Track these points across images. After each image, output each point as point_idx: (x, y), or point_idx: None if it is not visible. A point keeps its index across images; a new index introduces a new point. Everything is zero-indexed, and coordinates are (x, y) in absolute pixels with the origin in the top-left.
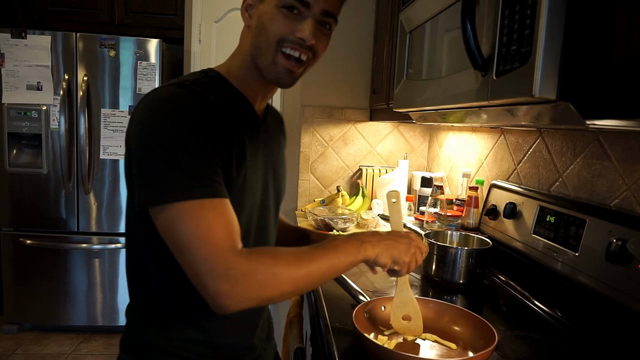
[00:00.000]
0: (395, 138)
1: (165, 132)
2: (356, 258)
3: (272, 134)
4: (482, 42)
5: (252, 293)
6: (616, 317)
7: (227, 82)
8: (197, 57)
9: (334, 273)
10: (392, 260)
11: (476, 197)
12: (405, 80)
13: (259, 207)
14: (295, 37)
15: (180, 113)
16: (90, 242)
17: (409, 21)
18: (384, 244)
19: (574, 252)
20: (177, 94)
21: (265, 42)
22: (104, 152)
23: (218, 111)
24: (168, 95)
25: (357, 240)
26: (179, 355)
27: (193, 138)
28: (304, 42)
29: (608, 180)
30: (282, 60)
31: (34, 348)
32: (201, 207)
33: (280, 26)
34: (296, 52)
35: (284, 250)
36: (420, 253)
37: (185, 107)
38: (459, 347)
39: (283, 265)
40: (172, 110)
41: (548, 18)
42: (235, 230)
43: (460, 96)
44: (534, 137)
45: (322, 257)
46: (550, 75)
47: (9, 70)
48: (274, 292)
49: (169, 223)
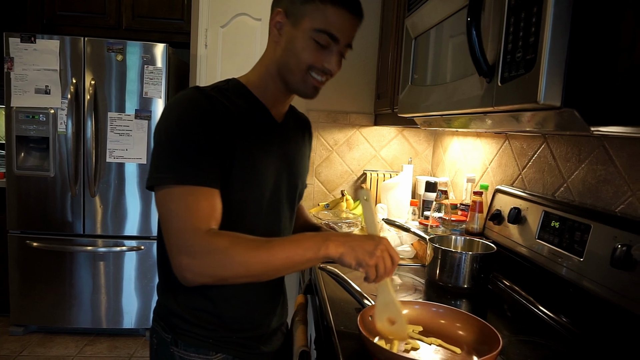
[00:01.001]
0: (400, 143)
1: (173, 126)
2: (316, 255)
3: (292, 135)
4: (487, 48)
5: (207, 270)
6: (621, 323)
7: (246, 89)
8: (203, 61)
9: (290, 266)
10: (357, 261)
11: (480, 202)
12: (410, 85)
13: (269, 200)
14: (323, 66)
15: (189, 111)
16: (95, 245)
17: (414, 27)
18: (349, 245)
19: (578, 257)
20: (190, 95)
21: (295, 65)
22: (111, 155)
23: (227, 113)
24: (183, 96)
25: (321, 238)
26: (191, 321)
27: (196, 133)
28: (330, 72)
29: (613, 185)
30: (311, 80)
31: (40, 350)
32: (186, 191)
33: (311, 56)
34: (322, 77)
35: (246, 237)
36: (390, 258)
37: (195, 107)
38: (464, 352)
39: (240, 249)
40: (183, 109)
41: (553, 25)
42: (212, 215)
43: (465, 102)
44: (538, 142)
45: (281, 248)
46: (555, 82)
47: (18, 74)
48: (227, 272)
49: (160, 201)
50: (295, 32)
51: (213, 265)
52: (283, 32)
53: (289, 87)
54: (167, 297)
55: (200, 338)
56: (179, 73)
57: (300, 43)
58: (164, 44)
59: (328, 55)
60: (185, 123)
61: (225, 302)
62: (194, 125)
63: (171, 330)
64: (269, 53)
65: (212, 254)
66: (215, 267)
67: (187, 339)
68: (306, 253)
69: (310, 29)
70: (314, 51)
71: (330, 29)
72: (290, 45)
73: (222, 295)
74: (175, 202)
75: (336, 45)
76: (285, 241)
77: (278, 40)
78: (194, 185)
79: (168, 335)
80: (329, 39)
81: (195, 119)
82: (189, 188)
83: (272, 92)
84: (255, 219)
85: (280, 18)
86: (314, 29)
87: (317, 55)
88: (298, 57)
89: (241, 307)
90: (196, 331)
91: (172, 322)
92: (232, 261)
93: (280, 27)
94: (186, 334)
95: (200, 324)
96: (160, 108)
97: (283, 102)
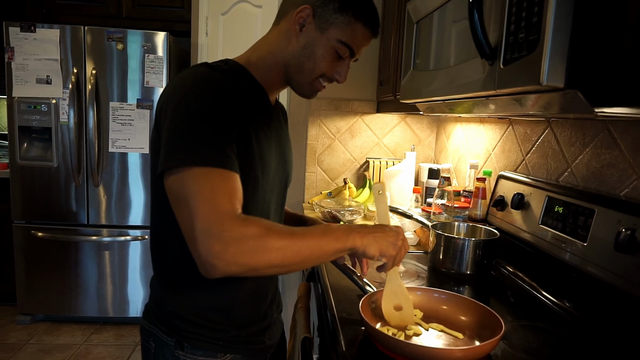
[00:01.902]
0: (403, 130)
1: (193, 105)
2: (344, 245)
3: (281, 123)
4: (489, 30)
5: (241, 258)
6: (625, 307)
7: (246, 71)
8: (204, 49)
9: (321, 255)
10: (380, 252)
11: (484, 188)
12: (412, 70)
13: (269, 186)
14: (333, 76)
15: (208, 90)
16: (100, 235)
17: (416, 11)
18: (372, 236)
19: (582, 242)
20: (206, 73)
21: (310, 69)
22: (113, 145)
23: (238, 93)
24: (198, 74)
25: (347, 229)
26: (199, 323)
27: (218, 112)
28: (338, 82)
29: (618, 169)
30: (317, 84)
31: (47, 338)
32: (209, 172)
33: (327, 65)
34: (328, 83)
35: (278, 224)
36: (405, 248)
37: (214, 85)
38: (466, 337)
39: (275, 236)
40: (202, 88)
41: (556, 5)
42: (237, 197)
43: (468, 86)
44: (542, 127)
45: (313, 237)
46: (558, 63)
47: (19, 64)
48: (262, 261)
49: (177, 184)
50: (320, 38)
51: (248, 253)
52: (306, 30)
53: (290, 83)
54: (168, 297)
55: (209, 340)
56: (180, 61)
57: (322, 50)
58: (165, 33)
59: (341, 66)
60: (206, 102)
61: (235, 297)
62: (215, 105)
63: (175, 333)
64: (279, 42)
65: (246, 240)
66: (251, 255)
67: (194, 342)
68: (336, 243)
69: (335, 39)
70: (331, 61)
71: (353, 45)
72: (311, 49)
73: (232, 291)
74: (198, 183)
75: (350, 58)
76: (315, 230)
77: (296, 36)
78: (218, 167)
79: (171, 339)
80: (349, 52)
81: (216, 99)
82: (212, 169)
83: (272, 79)
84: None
85: (307, 15)
86: (338, 40)
87: (332, 64)
88: (315, 63)
89: (250, 300)
90: (205, 333)
91: (175, 324)
92: (268, 248)
93: (304, 23)
94: (193, 336)
95: (209, 325)
96: None
97: (278, 90)
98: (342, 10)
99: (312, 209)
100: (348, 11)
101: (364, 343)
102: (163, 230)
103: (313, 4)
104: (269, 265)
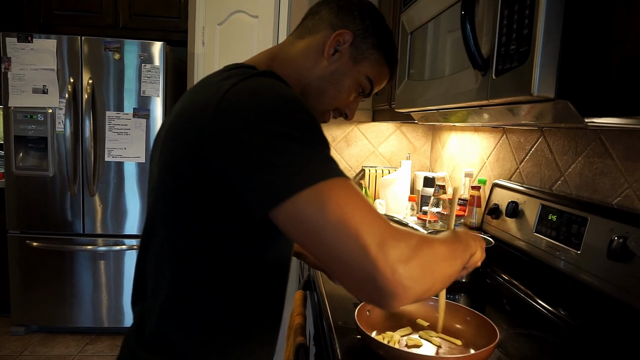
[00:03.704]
0: (398, 138)
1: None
2: (470, 253)
3: None
4: (481, 42)
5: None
6: (618, 315)
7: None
8: (201, 59)
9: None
10: (481, 257)
11: (478, 196)
12: (406, 80)
13: None
14: (344, 111)
15: (295, 105)
16: (95, 244)
17: (410, 22)
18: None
19: (576, 250)
20: (277, 82)
21: (331, 97)
22: (109, 154)
23: None
24: (273, 83)
25: (464, 235)
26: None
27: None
28: (346, 118)
29: (610, 178)
30: (327, 116)
31: (41, 350)
32: (344, 182)
33: (347, 98)
34: (336, 117)
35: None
36: None
37: (294, 100)
38: (461, 345)
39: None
40: (291, 97)
41: (546, 17)
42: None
43: (461, 96)
44: (536, 136)
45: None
46: (548, 74)
47: (15, 74)
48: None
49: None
50: (352, 68)
51: (427, 265)
52: (339, 56)
53: None
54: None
55: None
56: (176, 71)
57: (350, 81)
58: (161, 42)
59: (354, 103)
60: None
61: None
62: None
63: None
64: (306, 59)
65: (420, 257)
66: (429, 267)
67: None
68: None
69: (364, 74)
70: (352, 94)
71: (375, 84)
72: (340, 77)
73: (243, 329)
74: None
75: (365, 97)
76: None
77: (328, 59)
78: (344, 177)
79: None
80: (369, 90)
81: (304, 110)
82: (343, 179)
83: None
84: None
85: (345, 41)
86: (367, 75)
87: (349, 98)
88: (339, 92)
89: (256, 343)
90: None
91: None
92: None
93: (338, 49)
94: None
95: None
96: (159, 106)
97: None
98: (379, 48)
99: None
100: (382, 50)
101: (360, 351)
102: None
103: (354, 31)
104: (442, 278)
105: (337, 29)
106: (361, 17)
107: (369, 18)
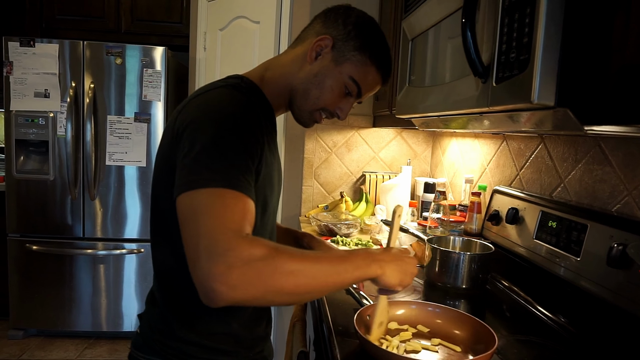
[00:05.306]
0: (399, 144)
1: (221, 127)
2: (365, 274)
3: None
4: (482, 49)
5: (247, 282)
6: (618, 322)
7: (260, 91)
8: (202, 64)
9: (338, 283)
10: (400, 283)
11: (479, 202)
12: (407, 86)
13: (273, 207)
14: (335, 111)
15: (235, 114)
16: (95, 248)
17: (411, 29)
18: (393, 265)
19: (575, 257)
20: (233, 96)
21: (315, 98)
22: (110, 158)
23: (260, 116)
24: (227, 96)
25: (367, 256)
26: (211, 347)
27: (245, 136)
28: (339, 118)
29: (609, 185)
30: (317, 115)
31: (40, 354)
32: (225, 192)
33: (332, 99)
34: (327, 118)
35: (288, 246)
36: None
37: (239, 108)
38: (460, 351)
39: (287, 258)
40: (228, 112)
41: (546, 26)
42: (249, 220)
43: (462, 103)
44: (536, 143)
45: (330, 262)
46: (548, 82)
47: (17, 78)
48: (271, 286)
49: (189, 203)
50: (333, 70)
51: (255, 276)
52: (321, 59)
53: (292, 108)
54: (177, 323)
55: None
56: (178, 76)
57: (332, 82)
58: (163, 47)
59: (345, 103)
60: (233, 126)
61: (241, 322)
62: (241, 130)
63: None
64: (293, 65)
65: (254, 262)
66: (258, 278)
67: None
68: (356, 271)
69: (347, 75)
70: (337, 95)
71: (362, 85)
72: (322, 78)
73: (240, 317)
74: (212, 201)
75: (355, 98)
76: (332, 255)
77: (311, 63)
78: (235, 190)
79: None
80: (357, 92)
81: (243, 122)
82: (229, 191)
83: (280, 100)
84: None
85: (326, 45)
86: (350, 76)
87: (337, 99)
88: (322, 93)
89: (256, 319)
90: (217, 357)
91: (184, 350)
92: (278, 272)
93: (321, 52)
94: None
95: (219, 347)
96: (160, 111)
97: (282, 112)
98: (361, 50)
99: (309, 223)
100: (366, 52)
101: (359, 357)
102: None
103: (335, 36)
104: (278, 291)
105: (320, 35)
106: (344, 24)
107: (353, 24)
